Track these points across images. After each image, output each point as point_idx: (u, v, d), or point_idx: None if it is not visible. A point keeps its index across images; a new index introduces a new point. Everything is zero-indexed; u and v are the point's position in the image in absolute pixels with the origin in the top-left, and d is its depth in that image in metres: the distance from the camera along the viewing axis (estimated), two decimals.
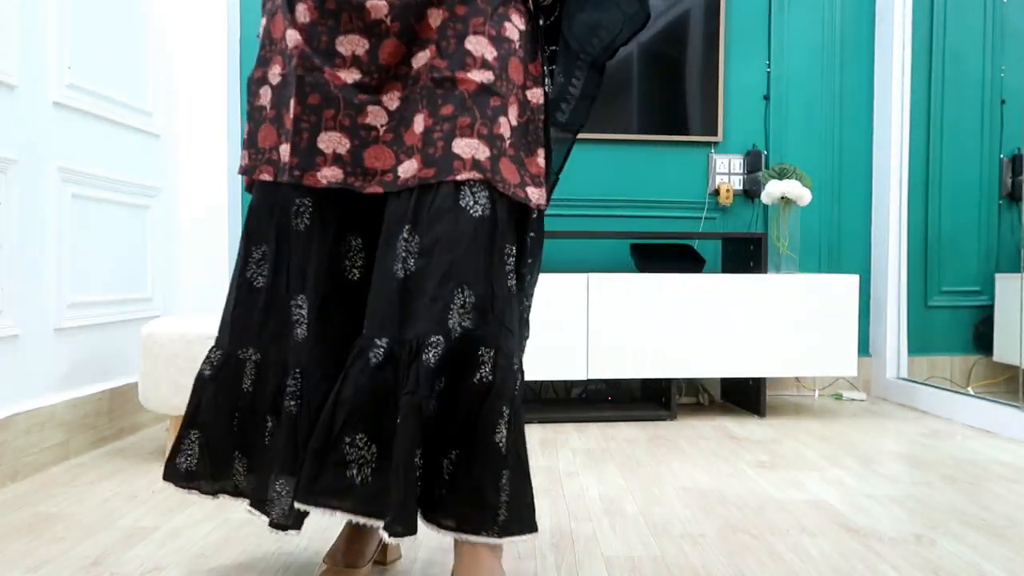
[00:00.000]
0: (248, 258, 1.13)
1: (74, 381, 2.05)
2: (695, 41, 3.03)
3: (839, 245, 3.15)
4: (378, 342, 0.98)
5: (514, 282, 1.04)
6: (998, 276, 3.09)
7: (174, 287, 2.62)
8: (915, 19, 3.06)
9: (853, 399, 3.03)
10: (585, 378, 2.55)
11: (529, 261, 1.12)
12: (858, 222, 3.15)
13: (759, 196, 2.90)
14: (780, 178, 2.78)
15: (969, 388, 3.02)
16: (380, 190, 1.05)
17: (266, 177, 1.10)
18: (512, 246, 1.05)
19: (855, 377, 3.04)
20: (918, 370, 3.07)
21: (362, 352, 0.99)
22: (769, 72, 3.10)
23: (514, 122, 1.06)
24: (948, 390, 2.78)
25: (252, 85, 1.15)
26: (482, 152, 1.00)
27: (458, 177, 0.98)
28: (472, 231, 0.99)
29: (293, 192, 1.08)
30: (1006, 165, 3.13)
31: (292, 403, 1.07)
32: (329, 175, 1.05)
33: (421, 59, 1.04)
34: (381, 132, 1.05)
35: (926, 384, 2.89)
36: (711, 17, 3.02)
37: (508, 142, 1.04)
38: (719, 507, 1.63)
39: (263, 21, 1.15)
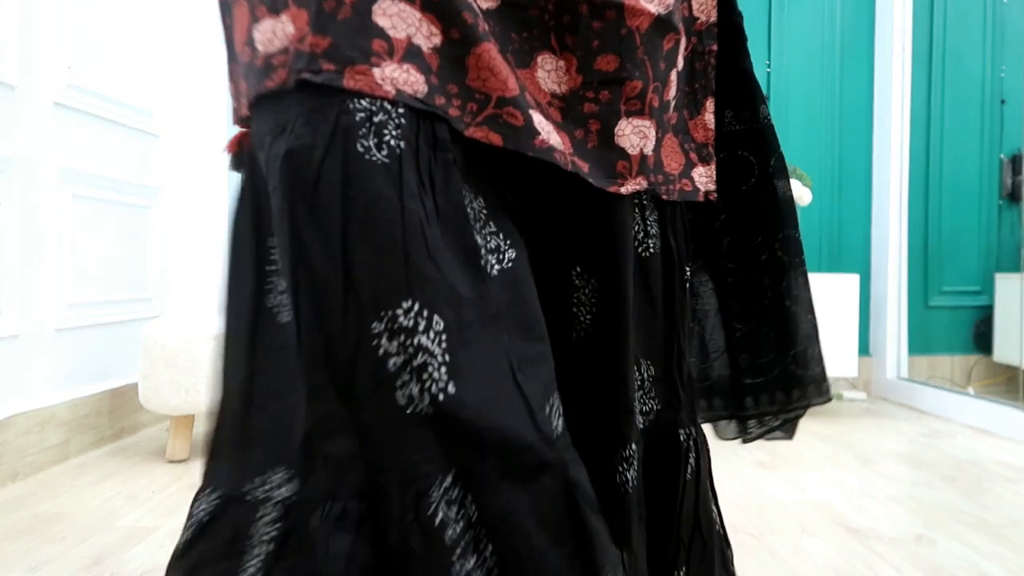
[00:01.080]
0: (259, 269, 0.54)
1: (74, 381, 2.05)
2: None
3: (839, 245, 3.15)
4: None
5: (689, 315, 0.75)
6: (998, 276, 3.09)
7: (174, 287, 2.62)
8: (915, 19, 3.06)
9: (853, 399, 3.03)
10: None
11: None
12: (858, 222, 3.15)
13: None
14: None
15: (969, 388, 3.02)
16: (499, 141, 0.54)
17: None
18: (687, 267, 0.72)
19: (855, 377, 3.03)
20: (918, 370, 3.07)
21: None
22: (769, 72, 3.10)
23: (680, 65, 0.66)
24: (948, 390, 2.78)
25: None
26: (650, 141, 0.63)
27: (622, 189, 0.62)
28: (659, 271, 0.68)
29: (340, 97, 0.48)
30: (1006, 165, 3.13)
31: (486, 562, 0.49)
32: (398, 79, 0.49)
33: None
34: (490, 27, 0.55)
35: (926, 384, 2.89)
36: None
37: (673, 104, 0.67)
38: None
39: None
